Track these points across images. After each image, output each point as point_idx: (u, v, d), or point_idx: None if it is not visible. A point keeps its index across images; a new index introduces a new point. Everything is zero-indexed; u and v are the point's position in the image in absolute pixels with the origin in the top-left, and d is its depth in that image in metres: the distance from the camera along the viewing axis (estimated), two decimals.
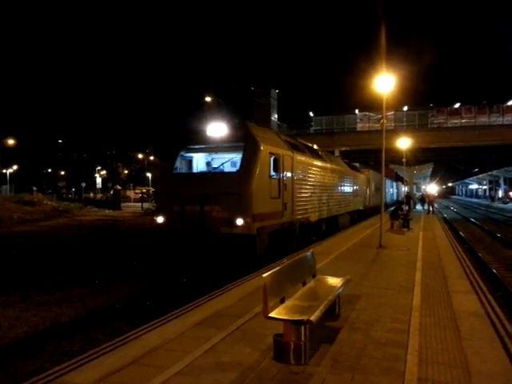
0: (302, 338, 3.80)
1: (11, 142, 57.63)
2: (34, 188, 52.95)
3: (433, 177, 73.40)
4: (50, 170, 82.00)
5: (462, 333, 4.64)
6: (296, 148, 12.09)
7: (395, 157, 34.92)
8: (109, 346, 4.25)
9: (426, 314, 5.34)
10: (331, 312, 5.00)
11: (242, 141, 9.46)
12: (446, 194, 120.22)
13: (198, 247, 9.18)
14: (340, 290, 5.05)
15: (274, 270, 4.30)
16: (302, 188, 11.96)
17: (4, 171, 59.07)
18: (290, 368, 3.72)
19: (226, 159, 10.53)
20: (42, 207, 34.01)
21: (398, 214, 17.43)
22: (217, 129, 9.86)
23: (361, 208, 22.79)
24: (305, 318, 3.78)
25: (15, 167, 63.91)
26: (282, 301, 4.22)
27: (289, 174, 10.82)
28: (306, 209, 12.26)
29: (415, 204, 39.10)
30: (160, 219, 9.70)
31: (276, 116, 43.40)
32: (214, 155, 11.07)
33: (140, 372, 3.65)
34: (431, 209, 29.72)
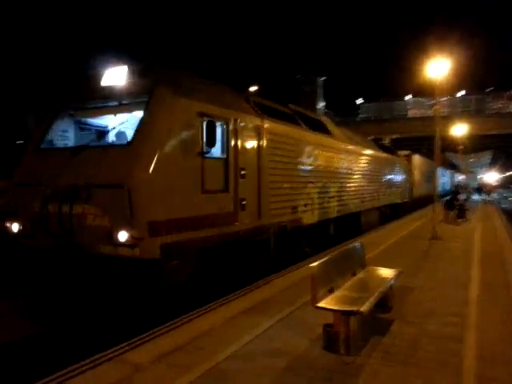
0: (352, 329, 3.76)
1: None
2: None
3: (491, 165, 69.28)
4: None
5: None
6: (274, 114, 8.12)
7: (450, 144, 33.33)
8: (162, 329, 4.43)
9: (483, 308, 5.10)
10: (383, 304, 4.89)
11: (147, 93, 5.75)
12: (507, 183, 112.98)
13: (67, 276, 5.50)
14: (392, 282, 4.92)
15: (323, 260, 4.26)
16: (284, 175, 8.19)
17: None
18: (340, 358, 3.69)
19: (121, 124, 6.86)
20: None
21: (453, 204, 16.68)
22: (116, 77, 6.32)
23: (398, 201, 18.96)
24: (355, 308, 3.73)
25: None
26: (331, 291, 4.19)
27: (252, 152, 7.11)
28: (293, 206, 8.55)
29: (471, 194, 37.28)
30: (15, 227, 5.99)
31: (322, 104, 42.67)
32: (113, 118, 6.98)
33: (192, 354, 3.79)
34: (489, 198, 28.12)
